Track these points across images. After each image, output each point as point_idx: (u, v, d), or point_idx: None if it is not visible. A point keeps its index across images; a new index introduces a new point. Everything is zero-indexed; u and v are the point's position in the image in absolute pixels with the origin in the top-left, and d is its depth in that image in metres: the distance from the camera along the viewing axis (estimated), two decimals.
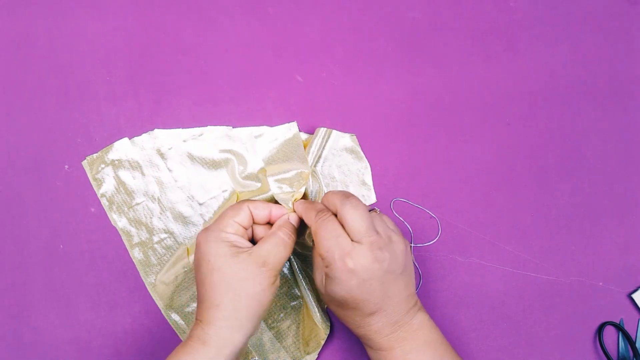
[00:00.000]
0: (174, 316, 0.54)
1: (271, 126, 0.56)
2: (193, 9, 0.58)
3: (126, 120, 0.56)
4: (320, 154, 0.56)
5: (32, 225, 0.55)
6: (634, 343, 0.55)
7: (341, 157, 0.56)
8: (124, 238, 0.55)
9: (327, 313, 0.55)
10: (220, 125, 0.56)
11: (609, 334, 0.56)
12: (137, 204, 0.55)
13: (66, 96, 0.56)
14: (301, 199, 0.51)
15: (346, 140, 0.57)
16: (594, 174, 0.58)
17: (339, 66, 0.58)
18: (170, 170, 0.55)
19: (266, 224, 0.49)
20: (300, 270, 0.53)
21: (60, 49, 0.57)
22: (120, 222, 0.55)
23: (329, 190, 0.47)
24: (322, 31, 0.58)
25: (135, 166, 0.55)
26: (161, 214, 0.55)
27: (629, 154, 0.59)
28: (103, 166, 0.55)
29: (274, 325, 0.55)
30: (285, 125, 0.56)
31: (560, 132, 0.58)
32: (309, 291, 0.53)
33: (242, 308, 0.43)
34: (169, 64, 0.57)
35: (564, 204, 0.58)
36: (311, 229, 0.45)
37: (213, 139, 0.56)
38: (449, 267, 0.56)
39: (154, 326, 0.55)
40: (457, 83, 0.58)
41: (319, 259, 0.45)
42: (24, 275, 0.54)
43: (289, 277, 0.55)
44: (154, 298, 0.54)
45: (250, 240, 0.49)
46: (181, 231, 0.55)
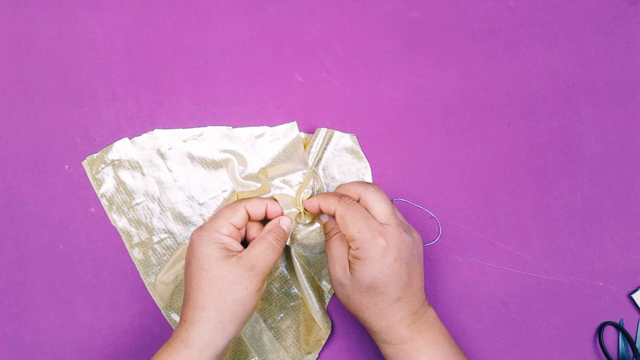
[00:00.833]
0: (173, 316, 0.54)
1: (271, 126, 0.56)
2: (193, 9, 0.58)
3: (126, 120, 0.56)
4: (322, 155, 0.56)
5: (32, 225, 0.55)
6: (634, 343, 0.55)
7: (341, 157, 0.56)
8: (123, 238, 0.55)
9: (328, 313, 0.55)
10: (221, 126, 0.56)
11: (609, 334, 0.56)
12: (137, 204, 0.55)
13: (66, 96, 0.56)
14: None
15: (346, 140, 0.56)
16: (594, 174, 0.58)
17: (339, 66, 0.58)
18: (170, 170, 0.55)
19: (262, 219, 0.50)
20: (300, 271, 0.53)
21: (60, 49, 0.57)
22: (120, 222, 0.55)
23: (343, 183, 0.49)
24: (322, 31, 0.58)
25: (135, 166, 0.55)
26: (161, 214, 0.55)
27: (629, 154, 0.59)
28: (103, 166, 0.55)
29: (274, 325, 0.55)
30: (286, 125, 0.56)
31: (560, 132, 0.58)
32: (310, 291, 0.53)
33: (226, 311, 0.43)
34: (169, 64, 0.57)
35: (564, 204, 0.58)
36: (337, 215, 0.45)
37: (213, 139, 0.56)
38: (449, 267, 0.56)
39: (154, 326, 0.55)
40: (457, 83, 0.58)
41: (339, 248, 0.45)
42: (24, 275, 0.54)
43: (288, 277, 0.55)
44: (154, 298, 0.54)
45: (243, 239, 0.49)
46: (181, 231, 0.55)
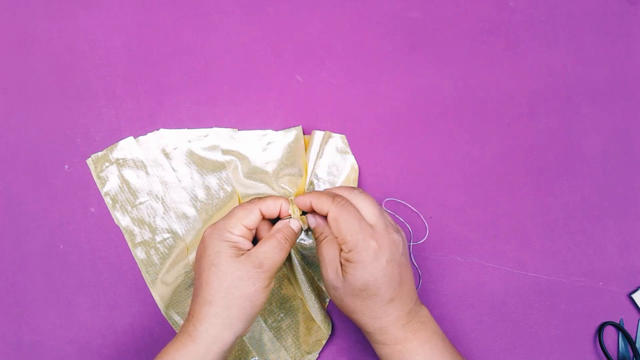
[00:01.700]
0: (174, 316, 0.54)
1: (276, 129, 0.56)
2: (193, 9, 0.58)
3: (126, 120, 0.56)
4: (319, 159, 0.56)
5: (32, 225, 0.55)
6: (634, 343, 0.55)
7: (330, 157, 0.56)
8: (126, 237, 0.55)
9: (328, 313, 0.55)
10: (225, 127, 0.56)
11: (609, 334, 0.56)
12: (141, 203, 0.55)
13: (66, 96, 0.56)
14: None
15: (336, 140, 0.56)
16: (594, 174, 0.58)
17: (339, 66, 0.58)
18: (174, 170, 0.55)
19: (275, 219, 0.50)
20: (301, 271, 0.53)
21: (60, 49, 0.57)
22: (123, 220, 0.55)
23: (332, 187, 0.48)
24: (322, 31, 0.58)
25: (140, 165, 0.55)
26: (164, 213, 0.55)
27: (629, 154, 0.59)
28: (107, 164, 0.55)
29: (274, 325, 0.55)
30: (290, 129, 0.56)
31: (560, 132, 0.58)
32: (311, 292, 0.53)
33: (234, 307, 0.43)
34: (169, 64, 0.57)
35: (564, 204, 0.58)
36: (330, 216, 0.45)
37: (218, 140, 0.56)
38: (449, 267, 0.56)
39: (154, 326, 0.55)
40: (457, 83, 0.58)
41: (330, 251, 0.45)
42: (24, 275, 0.54)
43: (289, 277, 0.55)
44: (155, 298, 0.54)
45: (254, 237, 0.49)
46: (183, 231, 0.55)
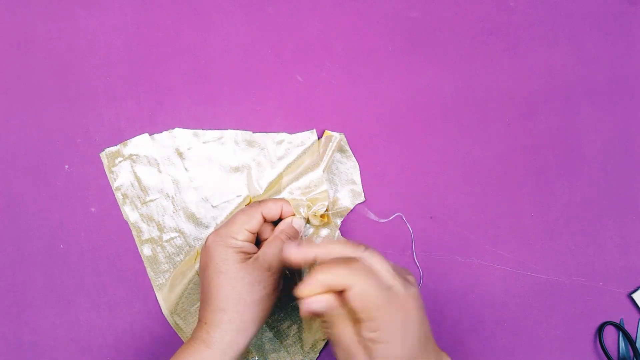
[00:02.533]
0: (178, 321, 0.54)
1: (277, 130, 0.56)
2: (193, 9, 0.58)
3: (126, 120, 0.56)
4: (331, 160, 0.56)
5: (32, 225, 0.55)
6: (634, 343, 0.55)
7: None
8: (134, 233, 0.55)
9: None
10: (241, 130, 0.56)
11: (609, 334, 0.56)
12: (151, 200, 0.55)
13: (66, 96, 0.56)
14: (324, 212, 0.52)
15: (335, 139, 0.56)
16: (594, 174, 0.58)
17: (339, 66, 0.58)
18: (187, 170, 0.55)
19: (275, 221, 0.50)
20: (303, 271, 0.53)
21: (60, 49, 0.57)
22: (132, 216, 0.55)
23: (326, 245, 0.40)
24: (322, 31, 0.58)
25: (153, 163, 0.55)
26: (174, 212, 0.55)
27: (629, 154, 0.59)
28: (121, 159, 0.55)
29: (274, 325, 0.55)
30: (305, 133, 0.56)
31: (560, 132, 0.58)
32: None
33: (247, 312, 0.43)
34: (169, 64, 0.57)
35: (564, 204, 0.58)
36: (352, 292, 0.36)
37: (233, 142, 0.56)
38: (449, 267, 0.56)
39: (154, 326, 0.55)
40: (457, 83, 0.58)
41: (347, 332, 0.37)
42: (24, 275, 0.54)
43: (290, 276, 0.55)
44: (158, 298, 0.54)
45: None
46: (192, 231, 0.55)
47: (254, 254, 0.45)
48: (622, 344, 0.56)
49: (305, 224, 0.52)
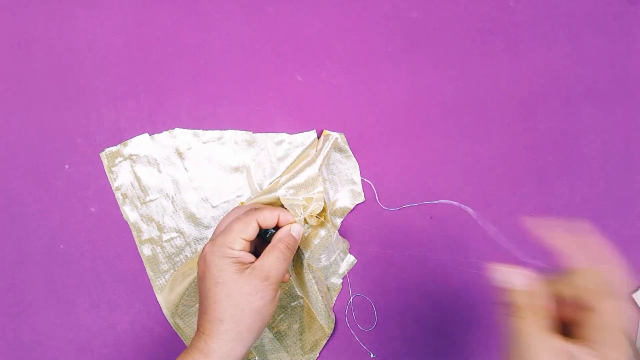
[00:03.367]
0: (178, 321, 0.54)
1: (278, 131, 0.56)
2: (193, 9, 0.58)
3: (126, 120, 0.56)
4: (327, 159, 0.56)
5: (32, 225, 0.55)
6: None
7: (330, 156, 0.56)
8: (134, 233, 0.55)
9: (332, 312, 0.55)
10: (240, 130, 0.56)
11: None
12: (151, 200, 0.55)
13: (66, 96, 0.56)
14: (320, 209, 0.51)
15: (332, 137, 0.56)
16: (594, 173, 0.58)
17: (339, 66, 0.58)
18: (187, 170, 0.55)
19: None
20: (305, 270, 0.53)
21: (60, 49, 0.57)
22: (132, 216, 0.55)
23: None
24: (322, 31, 0.58)
25: (153, 163, 0.55)
26: (174, 212, 0.55)
27: (629, 154, 0.59)
28: (121, 159, 0.55)
29: (274, 325, 0.55)
30: (305, 133, 0.56)
31: (561, 132, 0.58)
32: (317, 290, 0.53)
33: (245, 322, 0.43)
34: (169, 64, 0.57)
35: (564, 204, 0.58)
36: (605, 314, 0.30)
37: (233, 143, 0.56)
38: (448, 267, 0.56)
39: (154, 326, 0.55)
40: (457, 83, 0.58)
41: (550, 341, 0.31)
42: (24, 275, 0.54)
43: (291, 276, 0.55)
44: (158, 299, 0.54)
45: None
46: (192, 232, 0.55)
47: (251, 263, 0.45)
48: None
49: (305, 227, 0.52)
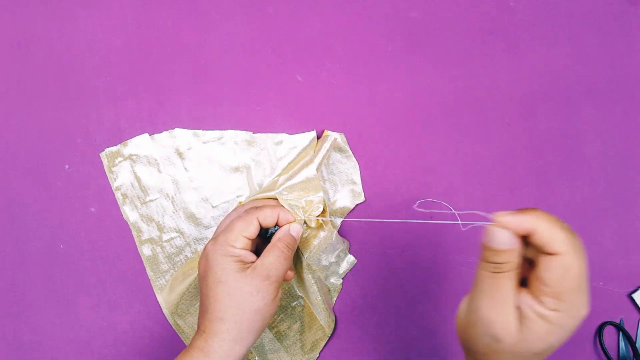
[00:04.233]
0: (178, 321, 0.54)
1: (278, 131, 0.56)
2: (193, 9, 0.58)
3: (126, 120, 0.56)
4: (326, 159, 0.55)
5: (32, 225, 0.55)
6: (634, 343, 0.55)
7: (330, 156, 0.56)
8: (134, 233, 0.55)
9: (332, 312, 0.55)
10: (241, 130, 0.56)
11: (609, 334, 0.56)
12: (151, 200, 0.55)
13: (66, 96, 0.56)
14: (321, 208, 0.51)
15: (336, 139, 0.56)
16: (594, 173, 0.58)
17: (339, 66, 0.58)
18: (187, 170, 0.55)
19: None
20: (305, 270, 0.53)
21: (60, 49, 0.57)
22: (132, 216, 0.55)
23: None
24: (322, 31, 0.58)
25: (153, 163, 0.55)
26: (174, 212, 0.55)
27: (629, 154, 0.59)
28: (121, 159, 0.55)
29: (274, 325, 0.55)
30: (305, 134, 0.56)
31: (561, 132, 0.58)
32: (316, 289, 0.53)
33: (245, 322, 0.43)
34: (169, 64, 0.57)
35: (564, 204, 0.58)
36: (561, 248, 0.33)
37: (233, 143, 0.56)
38: (449, 267, 0.56)
39: (154, 326, 0.55)
40: (457, 83, 0.58)
41: (509, 292, 0.34)
42: (24, 275, 0.54)
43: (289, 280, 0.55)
44: (158, 299, 0.54)
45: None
46: (192, 232, 0.55)
47: (252, 262, 0.45)
48: (622, 344, 0.56)
49: (305, 227, 0.52)
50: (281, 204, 0.50)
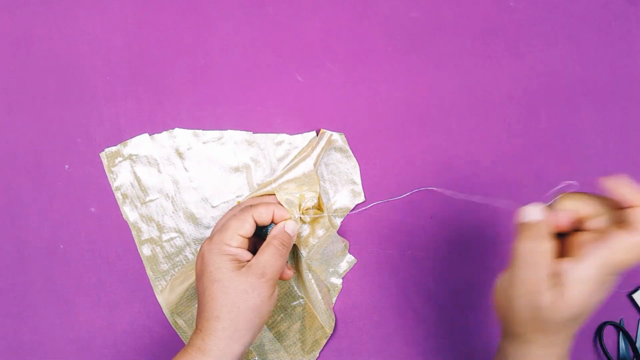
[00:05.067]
0: (178, 321, 0.54)
1: (278, 131, 0.56)
2: (193, 9, 0.58)
3: (126, 120, 0.56)
4: (323, 155, 0.55)
5: (32, 225, 0.55)
6: (634, 343, 0.55)
7: (330, 156, 0.56)
8: (133, 233, 0.55)
9: (332, 312, 0.55)
10: (241, 130, 0.56)
11: (609, 334, 0.56)
12: (151, 200, 0.55)
13: (66, 96, 0.56)
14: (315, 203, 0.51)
15: (335, 138, 0.56)
16: (594, 173, 0.58)
17: (339, 66, 0.58)
18: (186, 170, 0.55)
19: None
20: (305, 270, 0.53)
21: (60, 49, 0.57)
22: (131, 216, 0.55)
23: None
24: (322, 31, 0.58)
25: (153, 163, 0.55)
26: (173, 212, 0.55)
27: (629, 154, 0.59)
28: (121, 159, 0.55)
29: (274, 325, 0.55)
30: (305, 134, 0.56)
31: (561, 132, 0.58)
32: (316, 289, 0.53)
33: (242, 320, 0.43)
34: (169, 64, 0.57)
35: None
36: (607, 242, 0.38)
37: (232, 143, 0.56)
38: (449, 267, 0.56)
39: (154, 326, 0.55)
40: (457, 83, 0.58)
41: (549, 257, 0.38)
42: (24, 275, 0.54)
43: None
44: (158, 299, 0.54)
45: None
46: (191, 232, 0.55)
47: (248, 261, 0.45)
48: (622, 344, 0.56)
49: (300, 224, 0.52)
50: (277, 201, 0.50)
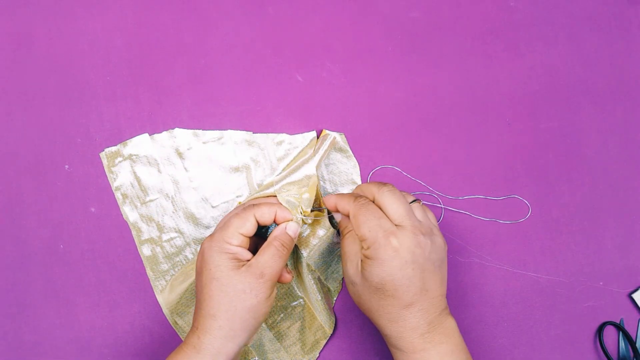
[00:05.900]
0: (178, 320, 0.54)
1: (278, 131, 0.56)
2: (193, 9, 0.58)
3: (126, 120, 0.56)
4: (325, 158, 0.55)
5: (32, 225, 0.55)
6: (634, 343, 0.55)
7: (330, 156, 0.56)
8: (133, 233, 0.55)
9: (332, 312, 0.55)
10: (241, 130, 0.56)
11: (609, 334, 0.56)
12: (151, 200, 0.55)
13: (66, 96, 0.56)
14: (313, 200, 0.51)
15: (336, 139, 0.56)
16: (594, 173, 0.58)
17: (339, 66, 0.58)
18: (186, 170, 0.55)
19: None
20: (307, 270, 0.53)
21: (60, 49, 0.57)
22: (131, 216, 0.55)
23: (360, 184, 0.50)
24: (322, 31, 0.58)
25: (153, 163, 0.55)
26: (173, 212, 0.55)
27: (629, 154, 0.59)
28: (120, 159, 0.55)
29: (274, 325, 0.55)
30: (305, 134, 0.56)
31: (561, 132, 0.58)
32: (317, 291, 0.53)
33: (237, 319, 0.43)
34: (169, 64, 0.57)
35: (564, 204, 0.58)
36: (350, 214, 0.46)
37: (232, 143, 0.56)
38: (449, 267, 0.56)
39: (154, 326, 0.55)
40: (457, 83, 0.58)
41: (352, 246, 0.46)
42: (24, 275, 0.55)
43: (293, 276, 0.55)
44: (158, 299, 0.54)
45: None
46: (191, 232, 0.55)
47: (248, 260, 0.45)
48: (622, 344, 0.56)
49: (301, 225, 0.52)
50: (279, 202, 0.50)
